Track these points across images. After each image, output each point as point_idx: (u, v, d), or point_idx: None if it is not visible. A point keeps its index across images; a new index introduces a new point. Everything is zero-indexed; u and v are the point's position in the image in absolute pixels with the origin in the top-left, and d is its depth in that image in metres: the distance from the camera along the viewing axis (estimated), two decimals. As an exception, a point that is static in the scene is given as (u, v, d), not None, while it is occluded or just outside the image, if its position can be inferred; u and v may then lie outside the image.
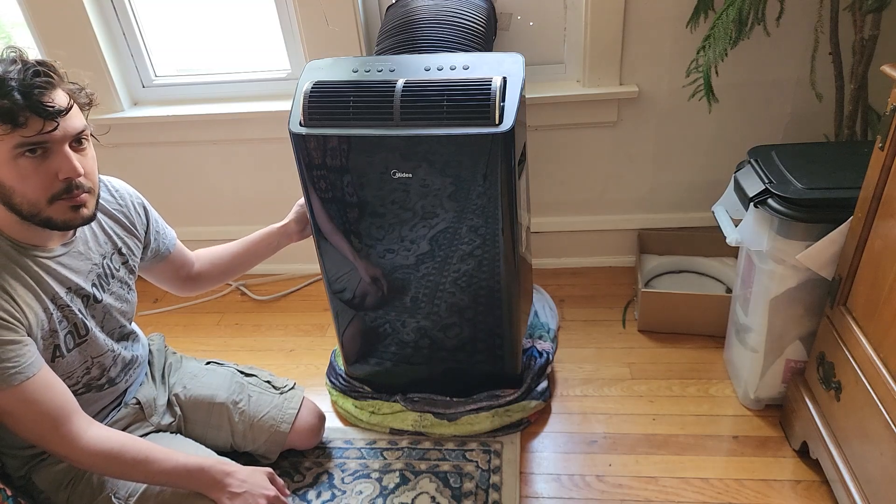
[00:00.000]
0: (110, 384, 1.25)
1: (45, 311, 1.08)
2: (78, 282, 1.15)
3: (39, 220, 1.03)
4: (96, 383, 1.21)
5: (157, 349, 1.47)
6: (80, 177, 1.03)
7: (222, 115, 2.01)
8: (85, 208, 1.06)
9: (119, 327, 1.27)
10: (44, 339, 1.08)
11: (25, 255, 1.07)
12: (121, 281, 1.26)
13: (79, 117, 1.04)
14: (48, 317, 1.08)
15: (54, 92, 1.00)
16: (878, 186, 1.10)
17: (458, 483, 1.46)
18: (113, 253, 1.24)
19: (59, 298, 1.11)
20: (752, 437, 1.51)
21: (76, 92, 1.05)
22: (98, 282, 1.20)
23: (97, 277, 1.19)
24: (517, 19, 1.87)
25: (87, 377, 1.19)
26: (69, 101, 1.02)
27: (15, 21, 2.03)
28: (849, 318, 1.22)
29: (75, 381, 1.17)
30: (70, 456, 1.07)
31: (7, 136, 0.96)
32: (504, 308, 1.48)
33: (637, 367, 1.75)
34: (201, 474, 1.15)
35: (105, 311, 1.22)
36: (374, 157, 1.32)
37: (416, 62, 1.37)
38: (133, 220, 1.28)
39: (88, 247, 1.19)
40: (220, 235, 2.28)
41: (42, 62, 1.00)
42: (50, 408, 1.05)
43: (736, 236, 1.43)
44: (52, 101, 0.98)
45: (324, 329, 2.05)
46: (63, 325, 1.12)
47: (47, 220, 1.04)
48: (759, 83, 1.83)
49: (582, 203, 2.11)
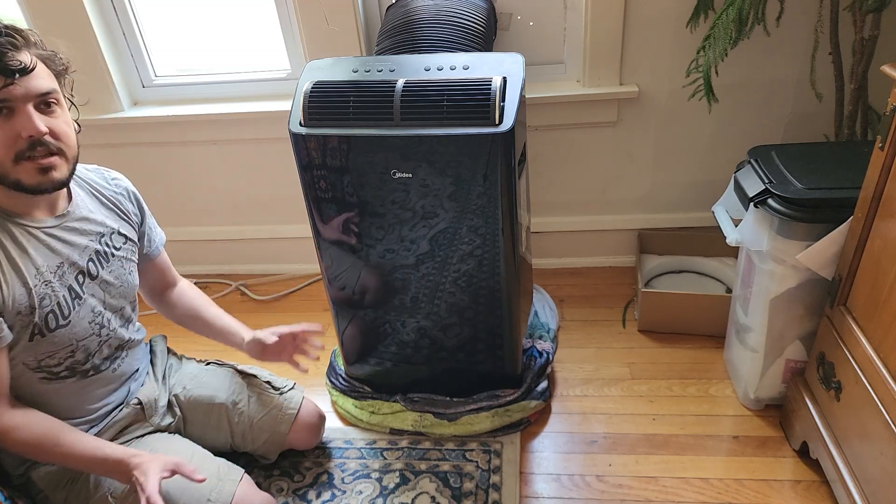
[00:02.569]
0: (95, 371, 1.23)
1: (23, 285, 1.07)
2: (72, 255, 1.14)
3: (9, 182, 1.04)
4: (80, 368, 1.20)
5: (161, 350, 1.47)
6: (45, 136, 1.04)
7: (222, 115, 2.01)
8: (54, 171, 1.07)
9: (121, 308, 1.27)
10: (20, 314, 1.07)
11: (12, 224, 1.08)
12: (122, 260, 1.25)
13: (47, 79, 1.05)
14: (27, 291, 1.07)
15: (18, 53, 1.01)
16: (878, 186, 1.10)
17: (458, 483, 1.46)
18: (112, 232, 1.24)
19: (43, 273, 1.10)
20: (752, 437, 1.51)
21: (49, 58, 1.06)
22: (96, 258, 1.19)
23: (95, 254, 1.19)
24: (517, 19, 1.87)
25: (70, 360, 1.17)
26: (32, 60, 1.02)
27: (13, 20, 2.02)
28: (849, 318, 1.22)
29: (57, 362, 1.16)
30: None
31: None
32: (504, 308, 1.48)
33: (637, 367, 1.75)
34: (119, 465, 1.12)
35: (104, 287, 1.21)
36: (374, 157, 1.32)
37: (416, 62, 1.37)
38: (127, 208, 1.29)
39: (86, 221, 1.19)
40: (220, 235, 2.30)
41: (10, 25, 1.02)
42: None
43: (736, 236, 1.43)
44: (12, 60, 0.99)
45: (324, 329, 2.04)
46: (45, 302, 1.10)
47: (16, 182, 1.04)
48: (759, 83, 1.83)
49: (582, 203, 2.11)
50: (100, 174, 1.28)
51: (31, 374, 1.14)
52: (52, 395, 1.17)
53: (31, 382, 1.14)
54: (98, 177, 1.27)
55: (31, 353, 1.11)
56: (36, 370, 1.14)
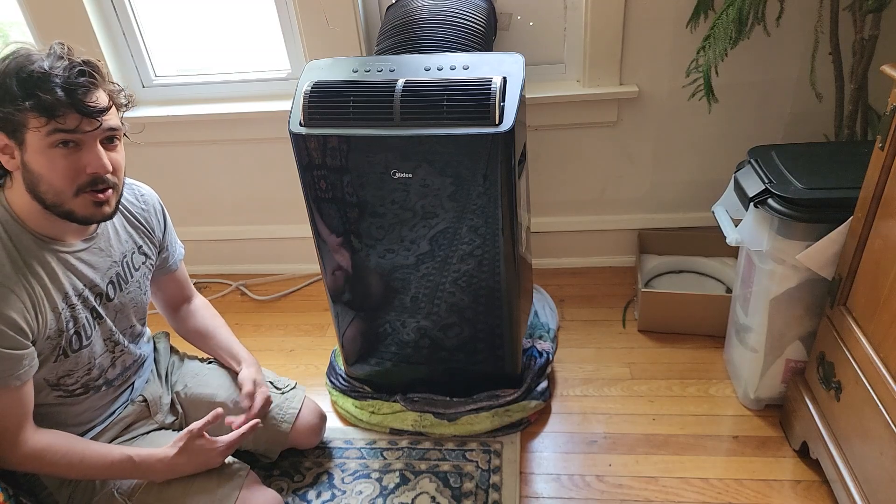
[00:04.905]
0: (107, 385, 1.25)
1: (53, 310, 1.08)
2: (94, 279, 1.16)
3: (61, 211, 1.05)
4: (94, 384, 1.21)
5: (164, 348, 1.48)
6: (108, 173, 1.05)
7: (222, 115, 2.01)
8: (107, 205, 1.08)
9: (130, 326, 1.28)
10: (49, 338, 1.09)
11: (45, 249, 1.08)
12: (139, 280, 1.27)
13: (115, 117, 1.06)
14: (56, 316, 1.09)
15: (97, 92, 1.02)
16: (878, 186, 1.10)
17: (458, 483, 1.46)
18: (134, 252, 1.26)
19: (69, 297, 1.11)
20: (752, 437, 1.51)
21: (116, 92, 1.07)
22: (116, 280, 1.21)
23: (115, 276, 1.21)
24: (517, 19, 1.87)
25: (86, 378, 1.19)
26: (109, 101, 1.04)
27: (13, 20, 2.03)
28: (849, 318, 1.22)
29: (75, 381, 1.17)
30: (7, 459, 1.07)
31: (44, 127, 0.98)
32: (504, 308, 1.48)
33: (637, 367, 1.75)
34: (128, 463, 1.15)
35: (118, 308, 1.22)
36: (374, 157, 1.32)
37: (416, 62, 1.37)
38: (153, 225, 1.31)
39: (110, 244, 1.20)
40: (220, 235, 2.30)
41: (87, 62, 1.02)
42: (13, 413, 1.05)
43: (736, 236, 1.43)
44: (95, 100, 1.01)
45: (324, 329, 2.05)
46: (70, 325, 1.12)
47: (69, 212, 1.05)
48: (759, 83, 1.83)
49: (582, 203, 2.11)
50: (130, 190, 1.28)
51: (48, 391, 1.15)
52: (64, 409, 1.19)
53: (46, 399, 1.15)
54: (128, 192, 1.27)
55: (53, 371, 1.13)
56: (54, 387, 1.15)
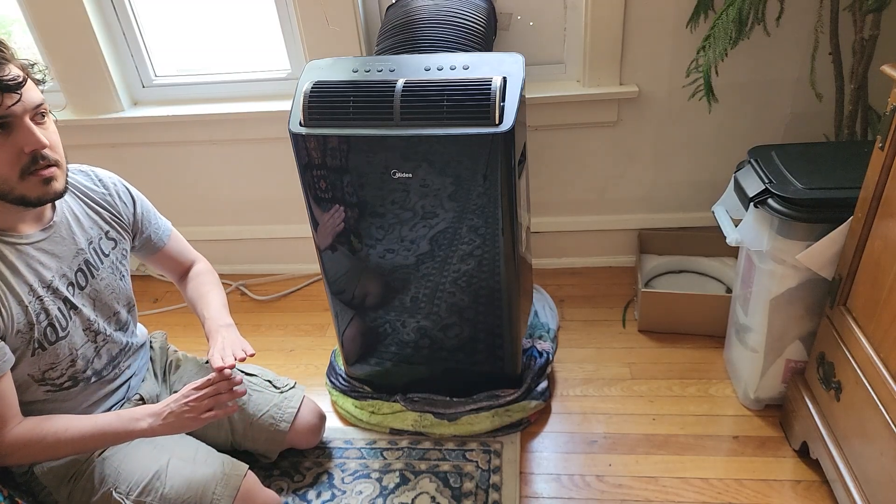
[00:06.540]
0: (97, 376, 1.23)
1: (19, 304, 1.07)
2: (61, 268, 1.14)
3: (13, 197, 1.04)
4: (82, 376, 1.20)
5: (160, 347, 1.47)
6: (46, 148, 1.04)
7: (222, 115, 2.01)
8: (56, 181, 1.07)
9: (115, 313, 1.27)
10: (20, 332, 1.07)
11: (1, 243, 1.07)
12: (111, 266, 1.25)
13: (35, 91, 1.04)
14: (24, 310, 1.07)
15: (7, 66, 1.00)
16: (878, 186, 1.10)
17: (458, 483, 1.46)
18: (101, 237, 1.23)
19: (35, 290, 1.09)
20: (752, 437, 1.51)
21: (29, 67, 1.06)
22: (85, 267, 1.19)
23: (83, 263, 1.19)
24: (517, 19, 1.87)
25: (71, 370, 1.18)
26: (23, 74, 1.02)
27: (13, 19, 2.03)
28: (849, 318, 1.22)
29: (60, 374, 1.16)
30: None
31: None
32: (504, 308, 1.48)
33: (637, 367, 1.75)
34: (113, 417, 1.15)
35: (94, 296, 1.21)
36: (374, 157, 1.32)
37: (416, 62, 1.37)
38: (118, 207, 1.28)
39: (72, 231, 1.18)
40: (220, 235, 2.30)
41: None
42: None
43: (736, 236, 1.43)
44: (8, 74, 0.99)
45: (324, 329, 2.05)
46: (42, 317, 1.10)
47: (21, 197, 1.04)
48: (759, 83, 1.83)
49: (582, 203, 2.11)
50: (86, 176, 1.26)
51: (36, 387, 1.14)
52: (57, 404, 1.18)
53: (36, 395, 1.15)
54: (85, 178, 1.25)
55: (34, 365, 1.12)
56: (40, 383, 1.14)
